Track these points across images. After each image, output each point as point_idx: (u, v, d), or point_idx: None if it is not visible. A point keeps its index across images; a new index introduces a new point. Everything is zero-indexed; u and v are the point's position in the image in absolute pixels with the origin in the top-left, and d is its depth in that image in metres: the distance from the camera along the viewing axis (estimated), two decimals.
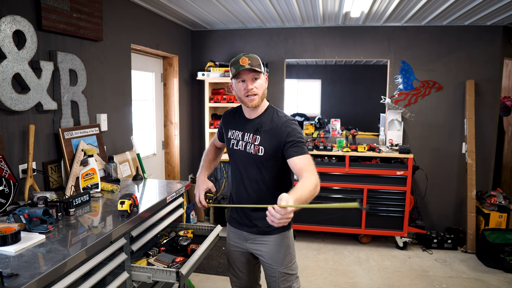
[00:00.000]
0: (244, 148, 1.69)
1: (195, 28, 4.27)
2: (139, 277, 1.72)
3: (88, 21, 2.38)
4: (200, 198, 1.76)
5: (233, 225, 1.85)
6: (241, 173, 1.73)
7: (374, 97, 5.00)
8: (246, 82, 1.60)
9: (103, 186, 2.16)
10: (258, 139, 1.65)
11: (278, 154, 1.64)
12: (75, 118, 2.31)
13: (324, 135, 4.18)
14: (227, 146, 1.80)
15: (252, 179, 1.69)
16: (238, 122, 1.76)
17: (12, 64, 1.81)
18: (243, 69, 1.56)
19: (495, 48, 3.79)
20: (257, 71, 1.59)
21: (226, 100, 4.01)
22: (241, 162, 1.72)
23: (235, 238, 1.84)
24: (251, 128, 1.69)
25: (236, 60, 1.60)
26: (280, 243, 1.73)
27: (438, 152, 3.99)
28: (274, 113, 1.69)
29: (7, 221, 1.53)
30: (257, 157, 1.65)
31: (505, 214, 3.60)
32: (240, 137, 1.71)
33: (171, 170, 4.06)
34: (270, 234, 1.73)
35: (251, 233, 1.76)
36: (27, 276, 1.13)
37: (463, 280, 3.13)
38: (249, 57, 1.58)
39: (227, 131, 1.79)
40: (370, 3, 3.08)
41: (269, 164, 1.66)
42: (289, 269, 1.75)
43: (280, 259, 1.73)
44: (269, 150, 1.63)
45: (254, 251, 1.79)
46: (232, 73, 1.62)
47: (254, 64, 1.57)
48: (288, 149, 1.59)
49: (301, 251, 3.65)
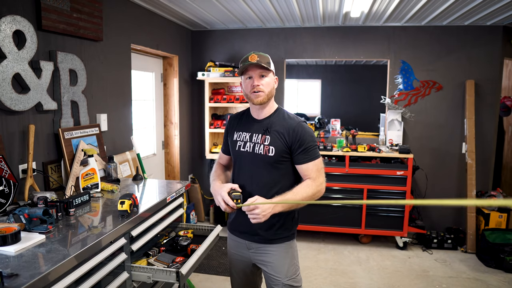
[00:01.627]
0: (252, 150, 1.62)
1: (195, 28, 4.27)
2: (139, 277, 1.72)
3: (88, 21, 2.38)
4: (225, 199, 1.52)
5: (234, 234, 1.77)
6: (249, 176, 1.64)
7: (374, 97, 5.00)
8: (253, 79, 1.59)
9: (103, 186, 2.16)
10: (268, 139, 1.60)
11: (289, 155, 1.61)
12: (75, 118, 2.31)
13: (324, 135, 4.19)
14: (232, 149, 1.71)
15: (261, 182, 1.61)
16: (245, 123, 1.70)
17: (12, 64, 1.81)
18: (250, 64, 1.55)
19: (495, 48, 3.79)
20: (264, 67, 1.57)
21: (226, 100, 4.00)
22: (248, 164, 1.64)
23: (237, 247, 1.76)
24: (260, 128, 1.64)
25: (246, 57, 1.59)
26: (284, 253, 1.66)
27: (438, 152, 3.99)
28: (284, 114, 1.66)
29: (7, 221, 1.53)
30: (267, 158, 1.59)
31: (505, 214, 3.60)
32: (248, 138, 1.65)
33: (171, 170, 4.06)
34: (274, 243, 1.65)
35: (253, 242, 1.68)
36: (27, 276, 1.13)
37: (463, 280, 3.13)
38: (258, 55, 1.57)
39: (233, 134, 1.71)
40: (370, 3, 3.08)
41: (279, 164, 1.60)
42: (294, 281, 1.65)
43: (284, 270, 1.64)
44: (280, 151, 1.58)
45: (257, 261, 1.71)
46: (240, 69, 1.60)
47: (262, 61, 1.56)
48: (298, 155, 1.58)
49: (301, 251, 3.65)
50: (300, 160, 1.58)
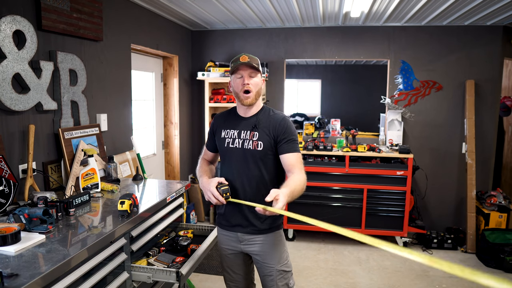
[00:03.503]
0: (241, 145, 1.71)
1: (195, 28, 4.27)
2: (139, 277, 1.73)
3: (88, 21, 2.38)
4: (214, 194, 1.59)
5: (224, 228, 1.80)
6: (237, 171, 1.72)
7: (374, 97, 5.00)
8: (243, 78, 1.68)
9: (103, 186, 2.16)
10: (256, 135, 1.70)
11: (274, 150, 1.71)
12: (75, 118, 2.31)
13: (324, 135, 4.18)
14: (220, 147, 1.79)
15: (250, 176, 1.70)
16: (233, 121, 1.78)
17: (12, 64, 1.81)
18: (241, 64, 1.66)
19: (495, 48, 3.79)
20: (254, 67, 1.68)
21: (226, 100, 4.00)
22: (237, 160, 1.72)
23: (228, 241, 1.81)
24: (248, 125, 1.73)
25: (237, 57, 1.70)
26: (275, 241, 1.75)
27: (438, 152, 3.99)
28: (270, 111, 1.77)
29: (7, 221, 1.53)
30: (256, 152, 1.68)
31: (505, 214, 3.60)
32: (236, 135, 1.74)
33: (171, 170, 4.06)
34: (265, 233, 1.74)
35: (245, 233, 1.74)
36: (27, 276, 1.13)
37: (463, 280, 3.13)
38: (249, 56, 1.69)
39: (220, 132, 1.79)
40: (370, 3, 3.08)
41: (267, 159, 1.70)
42: (286, 266, 1.77)
43: (277, 257, 1.74)
44: (268, 145, 1.68)
45: (249, 252, 1.78)
46: (231, 68, 1.70)
47: (252, 62, 1.67)
48: (283, 145, 1.68)
49: (301, 251, 3.65)
50: (285, 149, 1.67)
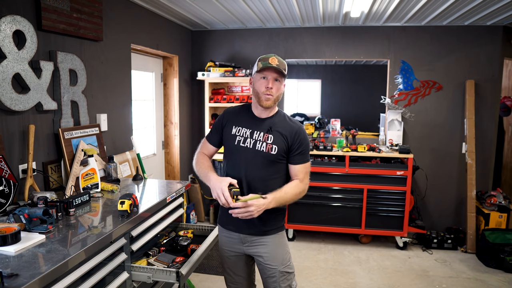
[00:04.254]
0: (253, 146, 1.68)
1: (195, 28, 4.27)
2: (139, 277, 1.73)
3: (88, 21, 2.38)
4: (225, 194, 1.53)
5: (228, 228, 1.78)
6: (245, 171, 1.68)
7: (374, 97, 5.00)
8: (268, 80, 1.65)
9: (103, 186, 2.16)
10: (271, 138, 1.68)
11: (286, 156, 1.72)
12: (75, 118, 2.31)
13: (324, 135, 4.19)
14: (229, 143, 1.74)
15: (256, 177, 1.68)
16: (246, 119, 1.74)
17: (12, 64, 1.81)
18: (270, 66, 1.61)
19: (495, 48, 3.79)
20: (281, 73, 1.65)
21: (226, 100, 4.01)
22: (246, 159, 1.69)
23: (230, 244, 1.79)
24: (263, 127, 1.71)
25: (266, 57, 1.65)
26: (278, 242, 1.75)
27: (438, 152, 3.99)
28: (285, 117, 1.77)
29: (7, 221, 1.53)
30: (269, 156, 1.67)
31: (505, 214, 3.60)
32: (249, 135, 1.70)
33: (171, 170, 4.06)
34: (269, 235, 1.73)
35: (249, 235, 1.73)
36: (27, 276, 1.13)
37: (463, 280, 3.13)
38: (278, 59, 1.64)
39: (230, 128, 1.74)
40: (370, 3, 3.08)
41: (278, 163, 1.70)
42: (288, 267, 1.76)
43: (280, 259, 1.73)
44: (281, 150, 1.68)
45: (252, 253, 1.76)
46: (258, 67, 1.66)
47: (281, 67, 1.64)
48: (296, 156, 1.70)
49: (301, 251, 3.65)
50: (295, 160, 1.71)
